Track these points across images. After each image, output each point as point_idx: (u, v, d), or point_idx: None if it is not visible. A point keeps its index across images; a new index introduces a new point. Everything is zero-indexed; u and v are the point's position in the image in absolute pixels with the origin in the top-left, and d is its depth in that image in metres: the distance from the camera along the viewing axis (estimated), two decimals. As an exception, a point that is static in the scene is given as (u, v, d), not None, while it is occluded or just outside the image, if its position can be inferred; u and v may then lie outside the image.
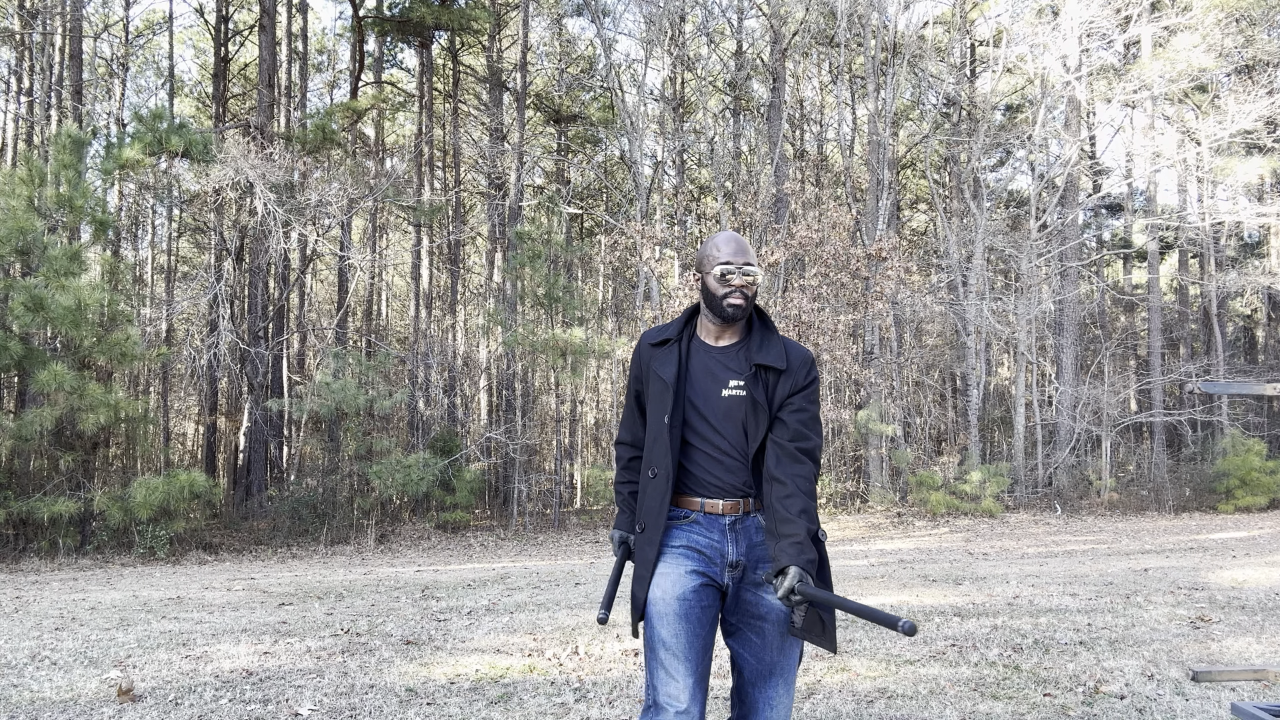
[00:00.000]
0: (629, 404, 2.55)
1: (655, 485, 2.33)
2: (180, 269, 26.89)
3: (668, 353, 2.39)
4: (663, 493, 2.31)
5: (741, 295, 2.35)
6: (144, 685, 4.44)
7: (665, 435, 2.32)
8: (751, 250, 2.40)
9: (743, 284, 2.34)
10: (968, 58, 24.43)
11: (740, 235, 2.42)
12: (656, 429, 2.34)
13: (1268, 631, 5.33)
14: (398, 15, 21.36)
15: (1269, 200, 22.73)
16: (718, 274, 2.35)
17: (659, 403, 2.34)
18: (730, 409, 2.31)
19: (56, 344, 13.40)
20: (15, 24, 22.01)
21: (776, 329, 2.44)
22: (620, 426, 2.60)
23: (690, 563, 2.29)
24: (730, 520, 2.31)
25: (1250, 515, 17.06)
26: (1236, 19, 20.52)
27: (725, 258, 2.36)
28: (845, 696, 4.10)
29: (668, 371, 2.35)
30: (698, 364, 2.37)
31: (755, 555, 2.31)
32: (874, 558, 10.97)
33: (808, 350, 2.39)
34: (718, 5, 22.92)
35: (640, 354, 2.47)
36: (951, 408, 24.73)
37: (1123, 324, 28.40)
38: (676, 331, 2.43)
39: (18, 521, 12.21)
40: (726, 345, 2.40)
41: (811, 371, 2.37)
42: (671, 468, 2.30)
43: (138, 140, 14.39)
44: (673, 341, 2.41)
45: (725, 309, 2.34)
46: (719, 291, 2.35)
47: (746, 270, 2.35)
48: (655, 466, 2.33)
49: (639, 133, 20.46)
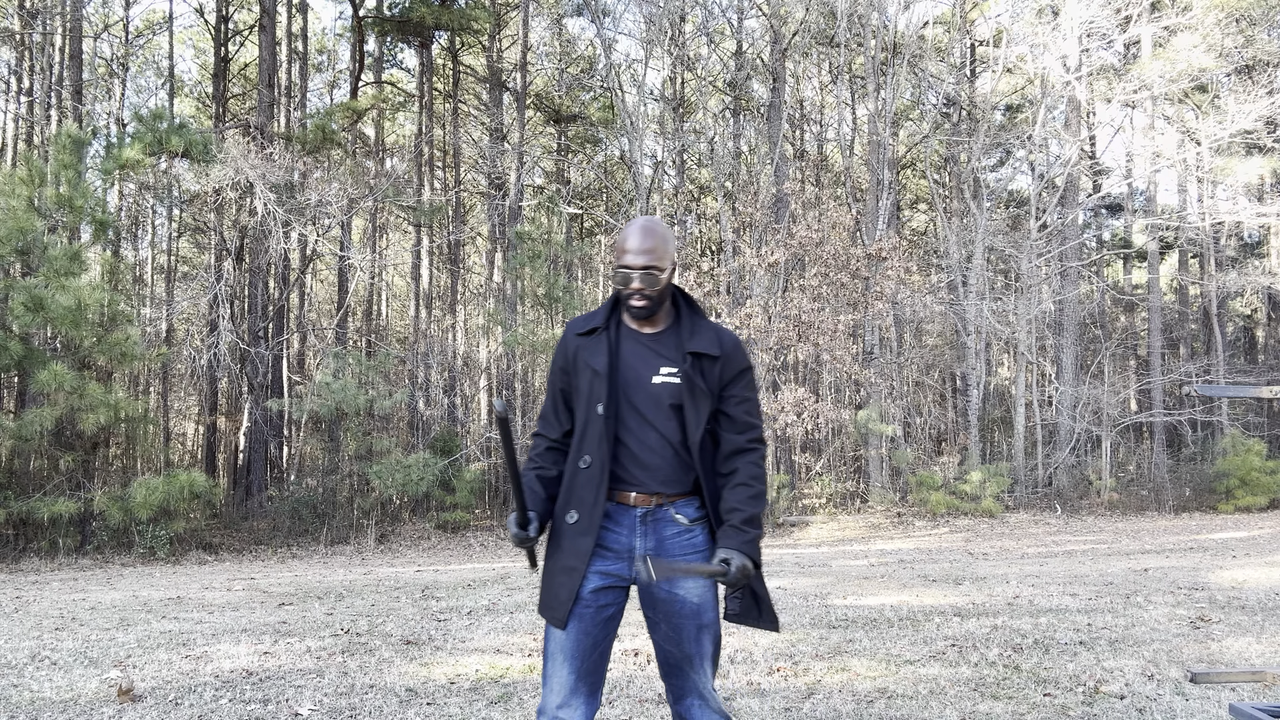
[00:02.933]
0: (550, 397, 2.41)
1: (589, 475, 2.23)
2: (180, 269, 26.88)
3: (596, 341, 2.29)
4: (598, 483, 2.22)
5: (643, 297, 2.25)
6: (144, 685, 4.45)
7: (600, 424, 2.23)
8: (664, 242, 2.26)
9: (642, 288, 2.23)
10: (968, 58, 24.43)
11: (654, 223, 2.28)
12: (588, 419, 2.25)
13: (1268, 631, 5.33)
14: (398, 15, 21.36)
15: (1269, 200, 22.73)
16: (619, 274, 2.26)
17: (590, 393, 2.25)
18: (660, 397, 2.24)
19: (56, 344, 13.40)
20: (15, 24, 22.00)
21: (704, 312, 2.38)
22: (539, 419, 2.44)
23: (595, 562, 2.25)
24: (642, 513, 2.26)
25: (1250, 515, 17.06)
26: (1236, 19, 20.52)
27: (627, 259, 2.24)
28: (845, 696, 4.10)
29: (599, 361, 2.26)
30: (628, 351, 2.29)
31: (667, 549, 2.25)
32: (874, 558, 10.97)
33: (737, 336, 2.34)
34: (718, 5, 22.92)
35: (566, 344, 2.36)
36: (951, 408, 24.72)
37: (1123, 324, 28.40)
38: (604, 319, 2.33)
39: (18, 521, 12.21)
40: (657, 332, 2.32)
41: (746, 356, 2.33)
42: (607, 458, 2.22)
43: (138, 140, 14.39)
44: (600, 330, 2.31)
45: (630, 309, 2.27)
46: (621, 293, 2.28)
47: (647, 275, 2.23)
48: (589, 454, 2.23)
49: (639, 133, 20.46)
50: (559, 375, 2.38)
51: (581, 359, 2.29)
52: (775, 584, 8.14)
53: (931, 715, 3.80)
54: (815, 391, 21.92)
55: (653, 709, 3.95)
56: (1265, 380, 22.89)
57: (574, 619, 2.20)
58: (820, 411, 15.40)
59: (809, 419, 15.23)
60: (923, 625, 5.73)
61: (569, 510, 2.26)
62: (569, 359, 2.33)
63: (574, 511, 2.24)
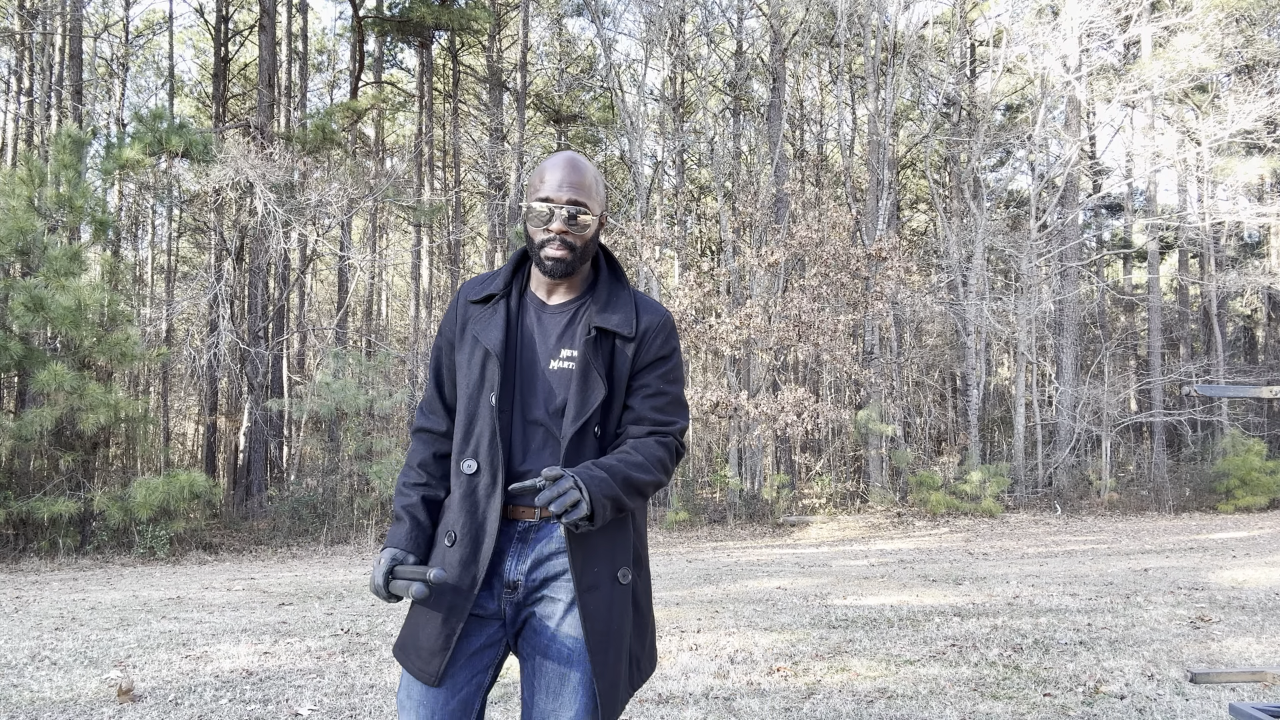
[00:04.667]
0: (434, 377, 1.93)
1: (476, 486, 1.76)
2: (180, 269, 26.89)
3: (491, 312, 1.83)
4: (488, 496, 1.76)
5: (564, 245, 1.76)
6: (144, 685, 4.45)
7: (491, 419, 1.76)
8: (595, 182, 1.81)
9: (565, 230, 1.75)
10: (968, 58, 24.43)
11: (582, 159, 1.81)
12: (475, 411, 1.79)
13: (1268, 631, 5.33)
14: (398, 15, 21.36)
15: (1269, 200, 22.73)
16: (535, 211, 1.77)
17: (477, 377, 1.79)
18: (554, 389, 1.78)
19: (56, 344, 13.40)
20: (15, 24, 22.00)
21: (629, 282, 1.91)
22: (419, 409, 1.96)
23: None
24: (524, 526, 1.78)
25: (1250, 515, 17.06)
26: (1236, 19, 20.52)
27: (546, 190, 1.76)
28: (845, 696, 4.10)
29: (491, 336, 1.79)
30: (530, 325, 1.83)
31: (542, 573, 1.77)
32: (874, 558, 10.97)
33: (666, 312, 1.86)
34: (718, 5, 22.92)
35: (456, 311, 1.89)
36: (951, 408, 24.72)
37: (1123, 324, 28.39)
38: (503, 284, 1.85)
39: (18, 521, 12.21)
40: (563, 302, 1.84)
41: (670, 340, 1.84)
42: (501, 463, 1.75)
43: (138, 140, 14.39)
44: (498, 297, 1.84)
45: (543, 261, 1.78)
46: (536, 237, 1.78)
47: (574, 211, 1.76)
48: (475, 458, 1.77)
49: (639, 133, 20.46)
50: (444, 351, 1.91)
51: (471, 332, 1.83)
52: (775, 584, 8.14)
53: (931, 715, 3.80)
54: (815, 391, 21.93)
55: (652, 709, 3.95)
56: (1265, 380, 22.90)
57: (448, 675, 1.75)
58: (820, 411, 15.40)
59: (809, 419, 15.23)
60: (923, 625, 5.73)
61: (447, 531, 1.78)
62: (457, 330, 1.88)
63: (454, 533, 1.77)
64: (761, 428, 15.77)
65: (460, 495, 1.78)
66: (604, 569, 1.76)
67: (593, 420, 1.77)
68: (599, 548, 1.75)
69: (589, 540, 1.74)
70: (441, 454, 1.90)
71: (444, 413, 1.91)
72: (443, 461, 1.90)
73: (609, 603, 1.74)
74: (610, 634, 1.73)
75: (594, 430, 1.78)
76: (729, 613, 6.38)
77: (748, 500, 17.24)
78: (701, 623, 5.97)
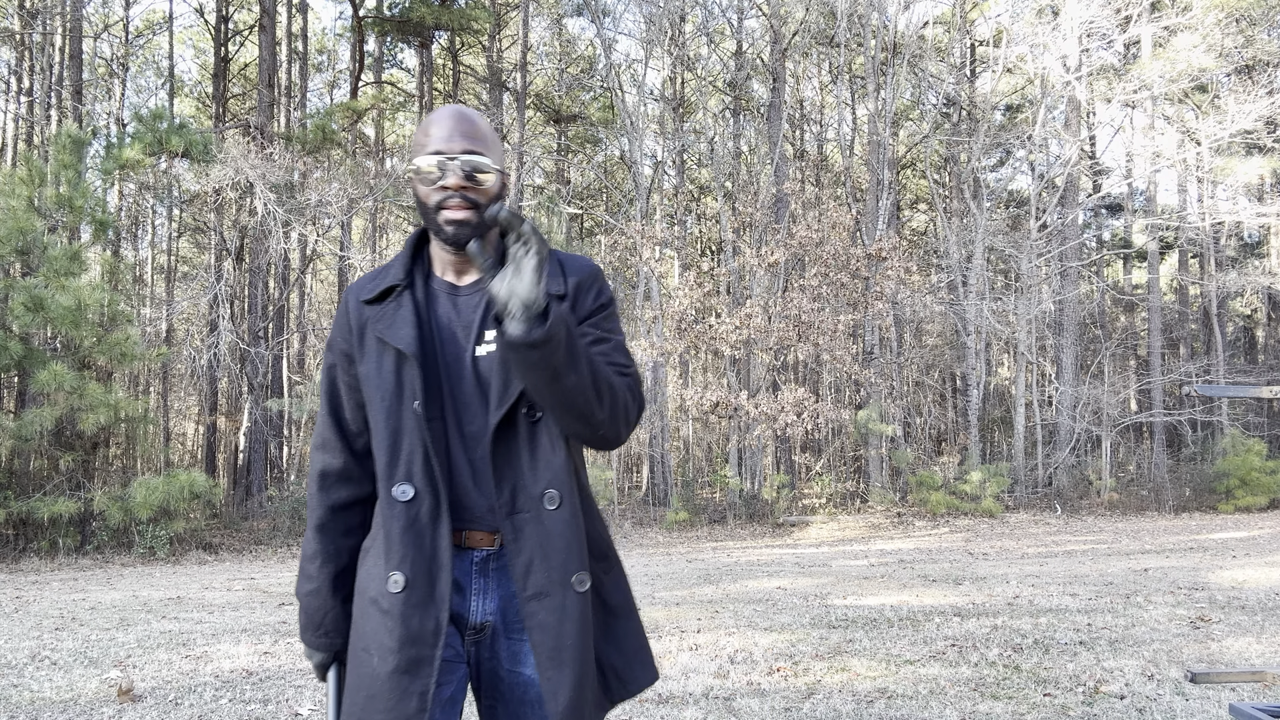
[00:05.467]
0: (329, 406, 1.60)
1: (419, 513, 1.47)
2: (180, 269, 26.89)
3: (395, 307, 1.53)
4: (434, 520, 1.47)
5: (465, 202, 1.47)
6: (144, 685, 4.44)
7: (419, 431, 1.47)
8: (486, 130, 1.54)
9: (463, 184, 1.47)
10: (968, 58, 24.44)
11: (472, 110, 1.56)
12: (399, 427, 1.49)
13: (1268, 631, 5.33)
14: (398, 15, 21.37)
15: (1269, 200, 22.74)
16: (423, 171, 1.49)
17: (393, 385, 1.50)
18: (486, 378, 1.51)
19: (56, 344, 13.40)
20: (15, 24, 22.01)
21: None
22: (316, 448, 1.61)
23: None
24: (482, 556, 1.52)
25: (1250, 515, 17.06)
26: (1236, 19, 20.53)
27: (435, 144, 1.48)
28: (845, 696, 4.10)
29: (401, 334, 1.49)
30: (444, 315, 1.55)
31: (514, 614, 1.52)
32: (874, 558, 10.97)
33: (594, 264, 1.61)
34: (718, 5, 22.92)
35: (348, 318, 1.57)
36: (951, 408, 24.73)
37: (1123, 324, 28.40)
38: (403, 273, 1.56)
39: (18, 521, 12.22)
40: (477, 279, 1.56)
41: (604, 290, 1.59)
42: (441, 481, 1.47)
43: (138, 140, 14.40)
44: (401, 289, 1.54)
45: (442, 229, 1.48)
46: (431, 200, 1.49)
47: (472, 162, 1.47)
48: (412, 482, 1.47)
49: (639, 133, 20.46)
50: (340, 367, 1.58)
51: (373, 336, 1.53)
52: (775, 584, 8.14)
53: (931, 715, 3.80)
54: (815, 391, 21.93)
55: (652, 709, 3.95)
56: (1265, 380, 22.90)
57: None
58: (820, 411, 15.40)
59: (809, 419, 15.24)
60: (923, 625, 5.73)
61: (390, 572, 1.47)
62: (353, 340, 1.56)
63: (398, 574, 1.46)
64: (761, 428, 15.77)
65: (400, 529, 1.47)
66: (555, 574, 1.47)
67: (520, 403, 1.47)
68: (548, 545, 1.47)
69: (534, 537, 1.47)
70: (342, 504, 1.59)
71: (344, 447, 1.58)
72: (345, 514, 1.59)
73: (561, 613, 1.47)
74: (564, 649, 1.46)
75: (525, 413, 1.48)
76: (729, 613, 6.38)
77: (748, 500, 17.24)
78: (701, 623, 5.97)
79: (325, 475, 1.59)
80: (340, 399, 1.59)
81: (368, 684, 1.46)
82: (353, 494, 1.60)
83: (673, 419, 20.59)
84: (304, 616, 1.61)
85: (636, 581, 8.66)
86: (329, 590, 1.58)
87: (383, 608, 1.47)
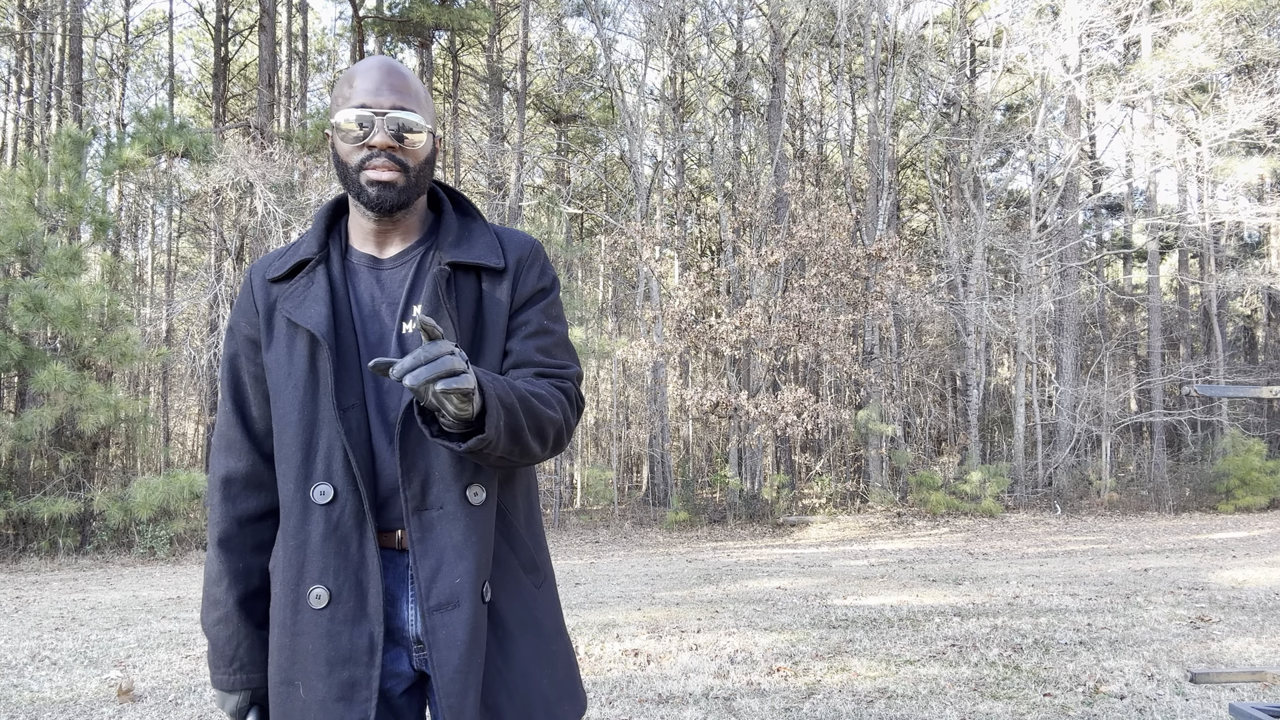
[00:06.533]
0: (233, 400, 1.41)
1: (341, 516, 1.29)
2: (180, 269, 26.90)
3: (306, 283, 1.35)
4: (358, 524, 1.29)
5: (392, 163, 1.31)
6: (144, 685, 4.44)
7: (335, 424, 1.29)
8: (417, 87, 1.36)
9: (390, 144, 1.30)
10: (968, 58, 24.44)
11: (400, 64, 1.36)
12: (313, 419, 1.30)
13: (1268, 631, 5.33)
14: (398, 15, 21.37)
15: (1269, 200, 22.73)
16: (346, 124, 1.31)
17: (305, 372, 1.31)
18: None
19: (56, 344, 13.41)
20: (15, 24, 22.01)
21: (483, 216, 1.45)
22: (216, 450, 1.41)
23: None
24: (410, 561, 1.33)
25: (1250, 515, 17.06)
26: (1236, 19, 20.53)
27: (361, 97, 1.31)
28: (845, 696, 4.10)
29: (312, 313, 1.31)
30: (364, 291, 1.37)
31: None
32: (874, 558, 10.97)
33: (535, 239, 1.45)
34: (718, 5, 22.92)
35: (252, 298, 1.39)
36: (951, 408, 24.73)
37: (1123, 324, 28.40)
38: (317, 245, 1.38)
39: (18, 521, 12.22)
40: (401, 251, 1.38)
41: (547, 270, 1.43)
42: (365, 479, 1.29)
43: (138, 140, 14.40)
44: (314, 263, 1.36)
45: (365, 190, 1.32)
46: (353, 159, 1.32)
47: (401, 120, 1.31)
48: (331, 481, 1.29)
49: (639, 133, 20.46)
50: (245, 355, 1.40)
51: (282, 319, 1.35)
52: (775, 584, 8.14)
53: (931, 715, 3.80)
54: (815, 391, 21.93)
55: (653, 709, 3.95)
56: (1265, 380, 22.90)
57: None
58: (820, 411, 15.40)
59: (809, 419, 15.24)
60: (923, 625, 5.73)
61: (309, 588, 1.29)
62: (259, 323, 1.38)
63: (324, 589, 1.28)
64: (761, 428, 15.77)
65: (320, 536, 1.28)
66: (465, 579, 1.28)
67: None
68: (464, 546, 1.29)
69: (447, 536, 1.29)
70: (250, 515, 1.39)
71: (250, 448, 1.38)
72: (253, 527, 1.39)
73: (470, 627, 1.27)
74: (472, 670, 1.27)
75: None
76: (729, 613, 6.38)
77: (748, 500, 17.24)
78: (701, 623, 5.97)
79: (229, 481, 1.38)
80: (245, 393, 1.40)
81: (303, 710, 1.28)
82: (261, 504, 1.39)
83: (673, 419, 20.60)
84: (213, 652, 1.38)
85: (636, 581, 8.67)
86: (239, 616, 1.37)
87: (301, 630, 1.29)
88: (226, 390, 1.41)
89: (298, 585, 1.30)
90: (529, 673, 1.35)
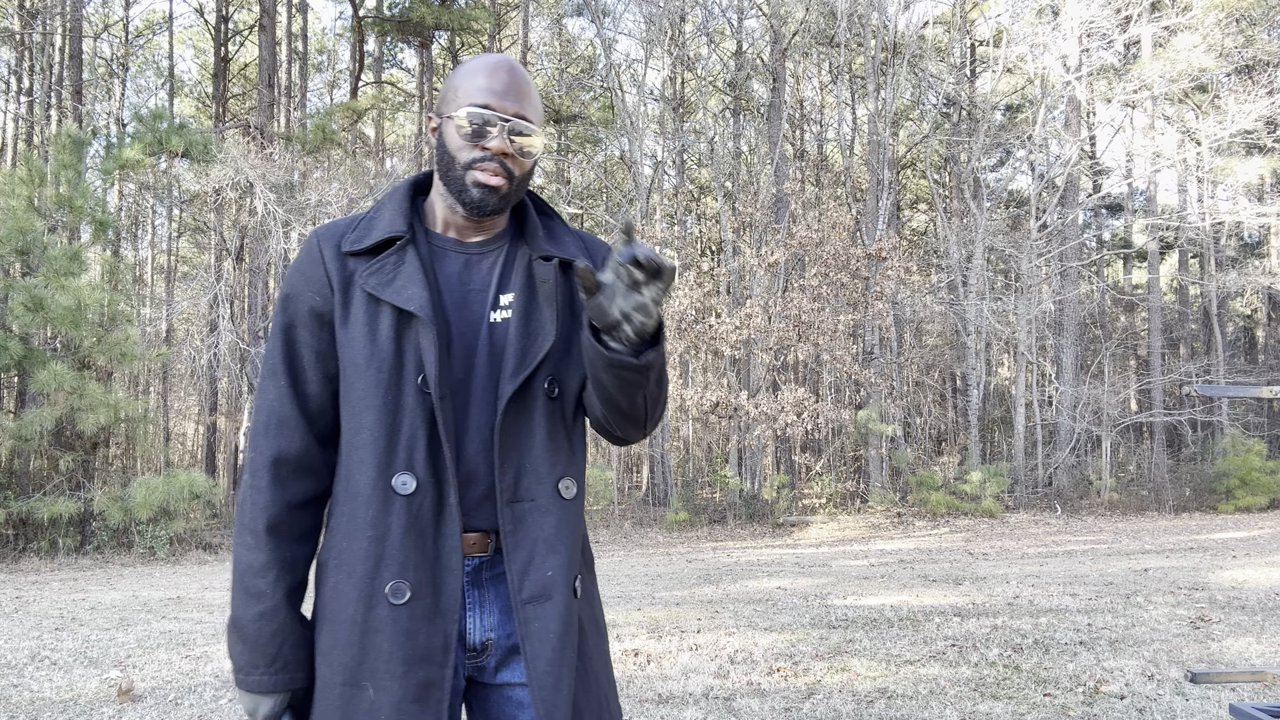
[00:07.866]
0: (285, 375, 1.29)
1: (422, 509, 1.23)
2: (180, 269, 26.90)
3: (396, 261, 1.27)
4: (438, 519, 1.24)
5: (501, 170, 1.27)
6: (144, 685, 4.44)
7: (422, 412, 1.24)
8: (537, 98, 1.34)
9: (505, 151, 1.27)
10: (968, 58, 24.44)
11: (522, 68, 1.34)
12: (396, 404, 1.24)
13: (1268, 631, 5.33)
14: (398, 15, 21.37)
15: (1269, 200, 22.74)
16: (466, 121, 1.27)
17: (391, 355, 1.24)
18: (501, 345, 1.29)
19: (56, 344, 13.41)
20: (15, 24, 22.01)
21: (562, 218, 1.44)
22: (263, 430, 1.29)
23: None
24: (473, 564, 1.28)
25: (1250, 515, 17.06)
26: (1236, 19, 20.54)
27: (482, 96, 1.26)
28: (845, 696, 4.10)
29: (411, 294, 1.24)
30: (449, 274, 1.32)
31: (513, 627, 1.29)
32: (874, 558, 10.97)
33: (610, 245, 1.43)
34: (718, 5, 22.92)
35: (324, 268, 1.29)
36: (951, 408, 24.73)
37: (1123, 324, 28.40)
38: (405, 223, 1.30)
39: (18, 521, 12.22)
40: (486, 239, 1.35)
41: None
42: (449, 471, 1.23)
43: (138, 140, 14.41)
44: (403, 240, 1.28)
45: (468, 190, 1.28)
46: (462, 156, 1.27)
47: (520, 128, 1.28)
48: (414, 472, 1.23)
49: (639, 133, 20.46)
50: (305, 328, 1.30)
51: (365, 293, 1.26)
52: (775, 584, 8.14)
53: (931, 715, 3.80)
54: (815, 391, 21.93)
55: (653, 709, 3.95)
56: (1265, 380, 22.90)
57: None
58: (820, 411, 15.41)
59: (809, 419, 15.24)
60: (923, 625, 5.73)
61: (389, 581, 1.22)
62: (328, 295, 1.28)
63: (400, 583, 1.22)
64: (761, 428, 15.77)
65: (402, 528, 1.22)
66: (560, 573, 1.26)
67: (541, 373, 1.28)
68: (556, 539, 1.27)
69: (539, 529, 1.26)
70: (300, 501, 1.29)
71: (304, 427, 1.28)
72: (302, 514, 1.29)
73: (564, 620, 1.25)
74: (564, 664, 1.24)
75: (545, 388, 1.28)
76: (729, 613, 6.38)
77: (748, 500, 17.24)
78: (701, 623, 5.97)
79: (280, 462, 1.27)
80: (302, 367, 1.29)
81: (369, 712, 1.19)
82: (310, 489, 1.30)
83: (673, 419, 20.60)
84: (249, 651, 1.25)
85: (636, 581, 8.67)
86: (287, 610, 1.26)
87: (376, 627, 1.21)
88: (280, 364, 1.29)
89: (373, 579, 1.22)
90: (598, 671, 1.32)
